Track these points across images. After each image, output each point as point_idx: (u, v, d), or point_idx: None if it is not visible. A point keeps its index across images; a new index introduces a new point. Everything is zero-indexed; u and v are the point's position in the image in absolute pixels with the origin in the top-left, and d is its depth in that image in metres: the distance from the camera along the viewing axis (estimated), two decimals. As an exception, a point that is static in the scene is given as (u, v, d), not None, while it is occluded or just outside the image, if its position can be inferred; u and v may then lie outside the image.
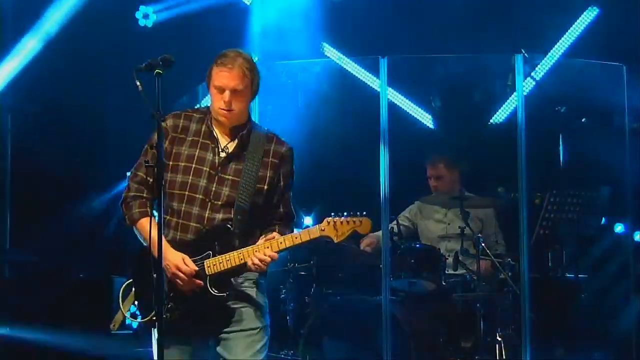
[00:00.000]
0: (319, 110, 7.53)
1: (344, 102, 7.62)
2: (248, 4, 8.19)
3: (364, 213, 4.02)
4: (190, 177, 4.03)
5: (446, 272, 6.76)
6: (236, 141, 4.08)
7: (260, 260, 3.93)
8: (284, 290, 7.15)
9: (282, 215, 4.16)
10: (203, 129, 4.09)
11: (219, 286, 3.96)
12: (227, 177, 4.04)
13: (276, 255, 3.96)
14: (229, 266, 3.95)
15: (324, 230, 3.98)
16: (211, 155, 4.06)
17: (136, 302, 4.06)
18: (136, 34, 7.97)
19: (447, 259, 6.80)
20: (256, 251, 3.94)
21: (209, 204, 4.01)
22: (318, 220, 7.67)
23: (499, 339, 6.43)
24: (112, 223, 7.78)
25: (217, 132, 4.09)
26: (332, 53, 8.00)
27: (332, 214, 3.99)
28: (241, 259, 3.95)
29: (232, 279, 4.00)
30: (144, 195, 4.07)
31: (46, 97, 7.85)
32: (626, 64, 6.82)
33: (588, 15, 7.70)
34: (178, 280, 3.94)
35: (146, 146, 4.06)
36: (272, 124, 7.01)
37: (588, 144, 7.44)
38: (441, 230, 7.19)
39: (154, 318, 3.87)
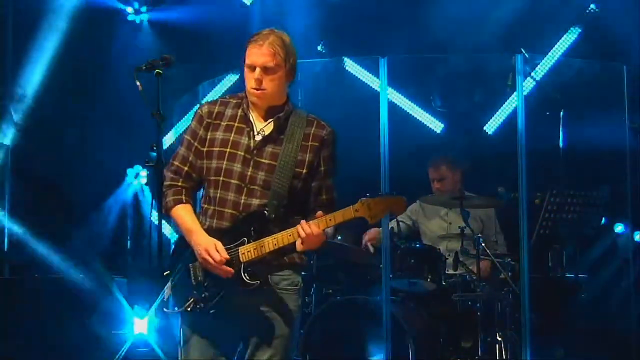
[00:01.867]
0: (319, 110, 7.51)
1: (344, 102, 7.61)
2: (248, 4, 8.19)
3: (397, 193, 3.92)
4: (225, 162, 3.94)
5: (446, 272, 6.76)
6: (272, 124, 3.98)
7: (307, 234, 3.80)
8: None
9: (325, 202, 4.04)
10: (239, 114, 4.00)
11: (253, 275, 3.86)
12: (263, 160, 3.93)
13: (321, 232, 3.84)
14: (264, 252, 3.86)
15: (357, 210, 3.87)
16: (246, 139, 3.96)
17: (172, 291, 3.99)
18: (136, 33, 7.98)
19: (447, 259, 6.81)
20: (300, 225, 3.81)
21: (245, 189, 3.91)
22: (318, 221, 7.74)
23: (499, 339, 6.43)
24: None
25: (253, 115, 3.99)
26: (331, 53, 8.00)
27: (367, 194, 3.87)
28: (275, 244, 3.85)
29: (268, 274, 3.92)
30: (179, 184, 4.00)
31: (47, 95, 7.85)
32: (626, 64, 6.82)
33: (588, 15, 7.69)
34: (208, 266, 3.85)
35: (185, 136, 4.04)
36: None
37: (588, 144, 7.44)
38: (442, 230, 7.19)
39: (189, 308, 3.87)
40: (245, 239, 3.87)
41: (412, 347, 6.21)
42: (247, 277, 3.85)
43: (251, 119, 3.98)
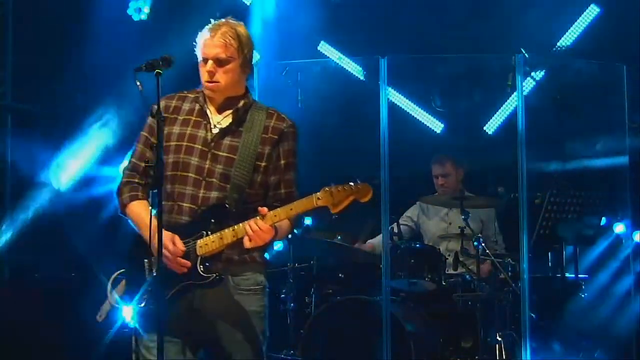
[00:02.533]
0: (319, 110, 7.52)
1: (344, 102, 7.61)
2: (248, 4, 8.18)
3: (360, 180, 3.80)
4: (182, 156, 3.84)
5: (446, 272, 6.77)
6: (230, 116, 3.89)
7: (253, 231, 3.68)
8: (284, 290, 7.15)
9: (282, 197, 3.89)
10: (196, 107, 3.91)
11: (208, 269, 3.75)
12: (221, 153, 3.83)
13: (269, 227, 3.71)
14: (223, 244, 3.74)
15: (320, 199, 3.73)
16: (204, 132, 3.86)
17: (127, 291, 3.88)
18: (135, 33, 7.96)
19: (447, 259, 6.81)
20: (248, 222, 3.70)
21: (203, 182, 3.81)
22: (318, 221, 7.77)
23: (499, 339, 6.43)
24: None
25: (210, 109, 3.90)
26: (332, 53, 8.00)
27: (332, 183, 3.76)
28: (234, 236, 3.73)
29: (229, 274, 3.80)
30: (136, 180, 3.91)
31: (46, 97, 7.84)
32: (626, 64, 6.82)
33: (589, 15, 7.69)
34: (164, 260, 3.69)
35: (141, 133, 3.94)
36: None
37: (588, 144, 7.45)
38: (442, 230, 7.20)
39: (143, 304, 3.76)
40: (204, 232, 3.76)
41: (412, 347, 6.21)
42: (202, 270, 3.75)
43: (208, 112, 3.89)
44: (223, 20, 3.95)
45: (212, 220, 3.76)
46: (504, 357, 6.39)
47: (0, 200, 7.77)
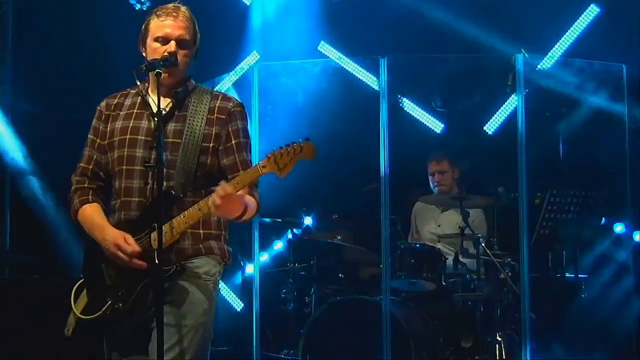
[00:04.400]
0: (319, 110, 7.52)
1: (344, 102, 7.61)
2: (248, 3, 8.18)
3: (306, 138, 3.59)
4: (126, 150, 3.71)
5: (446, 272, 6.76)
6: (171, 101, 3.75)
7: (221, 197, 3.47)
8: (284, 290, 7.16)
9: None
10: (138, 101, 3.78)
11: (167, 261, 3.59)
12: (166, 140, 3.67)
13: (236, 194, 3.51)
14: (176, 233, 3.60)
15: (265, 167, 3.53)
16: (146, 122, 3.73)
17: (90, 301, 3.73)
18: (136, 30, 7.96)
19: (447, 259, 6.81)
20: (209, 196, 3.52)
21: (150, 174, 3.64)
22: (318, 221, 7.77)
23: (499, 339, 6.43)
24: None
25: (152, 98, 3.72)
26: (331, 53, 8.00)
27: (273, 148, 3.57)
28: (186, 222, 3.59)
29: (183, 261, 3.64)
30: (86, 185, 3.80)
31: (46, 96, 7.84)
32: (626, 64, 6.82)
33: (589, 15, 7.69)
34: (120, 262, 3.58)
35: (88, 136, 3.85)
36: (272, 124, 7.10)
37: (588, 144, 7.44)
38: (434, 235, 7.21)
39: (108, 312, 3.62)
40: (156, 224, 3.56)
41: (412, 347, 6.21)
42: (163, 265, 3.56)
43: (150, 101, 3.74)
44: (173, 3, 3.81)
45: (163, 208, 3.59)
46: (504, 357, 6.39)
47: (0, 200, 7.77)
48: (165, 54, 3.68)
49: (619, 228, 7.26)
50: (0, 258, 7.60)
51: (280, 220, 7.39)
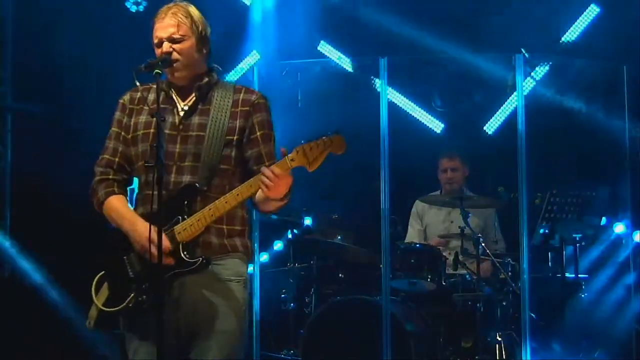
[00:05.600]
0: (319, 110, 7.52)
1: (344, 102, 7.61)
2: (248, 3, 8.18)
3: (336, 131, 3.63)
4: (150, 144, 3.69)
5: (446, 272, 6.76)
6: (194, 95, 3.78)
7: (270, 178, 3.49)
8: (284, 290, 7.16)
9: None
10: (161, 95, 3.75)
11: (192, 253, 3.61)
12: (191, 133, 3.71)
13: (285, 173, 3.51)
14: (202, 225, 3.60)
15: (293, 160, 3.52)
16: (170, 116, 3.75)
17: (111, 293, 3.70)
18: (135, 29, 7.96)
19: (447, 259, 6.81)
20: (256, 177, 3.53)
21: (174, 167, 3.68)
22: (318, 221, 7.77)
23: (499, 339, 6.43)
24: None
25: (175, 94, 3.79)
26: (331, 53, 8.00)
27: (302, 141, 3.55)
28: (212, 215, 3.59)
29: (209, 254, 3.63)
30: (110, 177, 3.79)
31: (46, 96, 7.84)
32: (626, 64, 6.82)
33: (589, 14, 7.69)
34: (148, 255, 3.56)
35: (111, 129, 3.85)
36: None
37: (588, 144, 7.45)
38: (443, 230, 7.20)
39: (131, 304, 3.61)
40: (180, 217, 3.61)
41: (412, 347, 6.21)
42: (187, 256, 3.60)
43: (174, 97, 3.79)
44: (171, 3, 3.83)
45: (186, 203, 3.63)
46: (504, 357, 6.39)
47: (0, 200, 7.77)
48: (165, 55, 3.71)
49: (619, 228, 7.26)
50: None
51: (280, 219, 7.38)
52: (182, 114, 3.76)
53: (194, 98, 3.79)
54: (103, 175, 3.82)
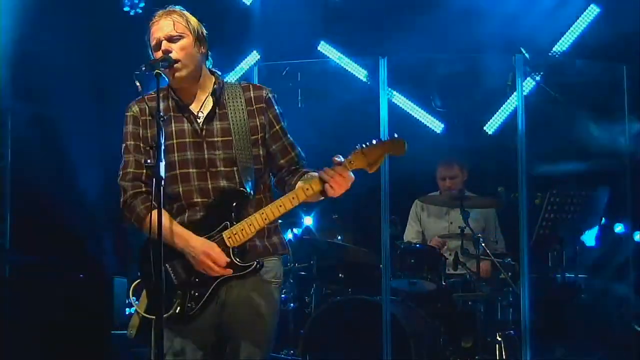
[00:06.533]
0: (319, 110, 7.53)
1: (344, 102, 7.61)
2: (248, 4, 8.19)
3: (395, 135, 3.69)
4: (176, 154, 3.71)
5: (446, 272, 6.77)
6: (210, 100, 3.78)
7: (335, 178, 3.59)
8: (284, 290, 7.15)
9: (296, 158, 3.86)
10: (171, 104, 3.78)
11: (244, 258, 3.66)
12: (216, 139, 3.73)
13: (346, 171, 3.61)
14: (253, 230, 3.64)
15: (352, 162, 3.62)
16: (189, 124, 3.75)
17: (151, 301, 3.68)
18: (134, 30, 7.96)
19: (447, 259, 6.81)
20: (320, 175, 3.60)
21: (208, 173, 3.71)
22: (318, 220, 7.76)
23: (499, 339, 6.43)
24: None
25: (184, 101, 3.79)
26: (331, 53, 8.00)
27: (359, 145, 3.64)
28: (265, 219, 3.63)
29: (257, 257, 3.70)
30: (144, 189, 3.76)
31: (46, 96, 7.84)
32: (626, 64, 6.82)
33: (589, 15, 7.69)
34: (207, 270, 3.63)
35: (127, 143, 3.81)
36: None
37: (587, 144, 7.44)
38: (443, 229, 7.20)
39: (177, 311, 3.63)
40: (227, 222, 3.65)
41: (412, 347, 6.22)
42: (239, 261, 3.65)
43: (185, 103, 3.78)
44: (167, 7, 3.85)
45: (232, 209, 3.66)
46: (504, 357, 6.39)
47: (0, 200, 7.77)
48: (167, 55, 3.70)
49: (619, 228, 7.26)
50: (1, 258, 7.60)
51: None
52: (200, 120, 3.76)
53: (210, 103, 3.79)
54: (136, 189, 3.78)
